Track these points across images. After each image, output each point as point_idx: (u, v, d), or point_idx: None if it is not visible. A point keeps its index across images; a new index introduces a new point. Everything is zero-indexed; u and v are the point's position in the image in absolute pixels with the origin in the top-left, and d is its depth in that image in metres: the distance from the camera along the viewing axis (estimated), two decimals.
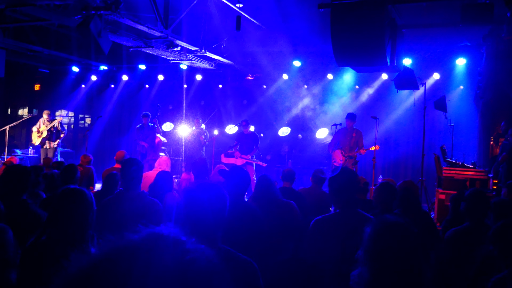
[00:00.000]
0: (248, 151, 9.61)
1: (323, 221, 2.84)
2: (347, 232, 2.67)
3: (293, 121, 12.66)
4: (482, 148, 9.92)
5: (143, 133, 10.28)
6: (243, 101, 13.39)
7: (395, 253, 1.81)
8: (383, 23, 5.87)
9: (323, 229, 2.80)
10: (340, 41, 6.09)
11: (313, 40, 10.12)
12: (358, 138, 8.83)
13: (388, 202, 3.84)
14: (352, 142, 8.80)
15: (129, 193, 3.43)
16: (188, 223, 1.96)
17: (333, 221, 2.82)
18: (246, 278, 1.95)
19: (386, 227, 1.88)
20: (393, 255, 1.81)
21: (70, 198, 2.39)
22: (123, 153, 7.15)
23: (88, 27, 6.74)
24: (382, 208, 3.84)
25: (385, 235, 1.86)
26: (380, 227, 1.89)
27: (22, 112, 15.69)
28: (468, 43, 9.46)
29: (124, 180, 3.47)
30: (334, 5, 6.07)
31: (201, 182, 2.10)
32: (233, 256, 1.99)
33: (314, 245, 2.78)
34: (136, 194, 3.46)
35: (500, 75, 8.18)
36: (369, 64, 6.52)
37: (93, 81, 13.84)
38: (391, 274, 1.80)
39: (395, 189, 4.02)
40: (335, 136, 9.05)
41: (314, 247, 2.78)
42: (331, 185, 2.87)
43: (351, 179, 2.85)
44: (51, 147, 10.45)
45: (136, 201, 3.39)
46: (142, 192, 3.54)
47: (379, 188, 4.00)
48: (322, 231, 2.79)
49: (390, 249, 1.82)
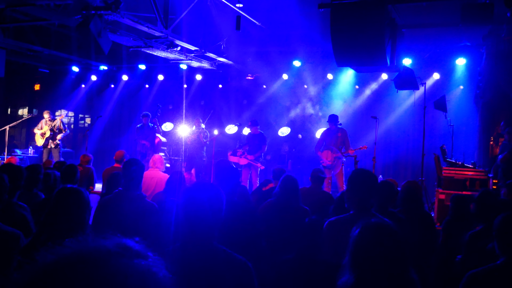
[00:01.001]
0: (254, 151, 9.60)
1: (337, 223, 2.79)
2: None
3: (293, 121, 12.66)
4: (482, 148, 9.91)
5: (143, 133, 10.29)
6: (243, 101, 13.39)
7: (378, 256, 1.76)
8: (383, 23, 5.87)
9: (337, 231, 2.75)
10: (340, 41, 6.08)
11: (313, 40, 10.12)
12: (344, 137, 8.88)
13: (384, 201, 3.80)
14: (339, 142, 8.83)
15: (128, 193, 3.43)
16: (186, 222, 1.98)
17: (348, 223, 2.79)
18: (241, 278, 1.96)
19: (369, 231, 1.84)
20: (377, 259, 1.76)
21: (66, 197, 2.40)
22: (122, 152, 7.15)
23: (88, 27, 6.74)
24: (377, 207, 3.84)
25: (368, 238, 1.81)
26: (363, 230, 1.85)
27: (22, 112, 15.69)
28: (468, 43, 9.45)
29: (124, 180, 3.47)
30: (334, 5, 6.07)
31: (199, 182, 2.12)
32: (228, 256, 2.00)
33: (330, 247, 2.75)
34: (135, 195, 3.46)
35: (500, 75, 8.18)
36: (369, 64, 6.52)
37: (93, 81, 13.84)
38: (375, 278, 1.76)
39: (394, 188, 4.02)
40: (322, 137, 9.12)
41: (330, 249, 2.74)
42: (348, 184, 2.81)
43: (367, 180, 2.76)
44: (55, 147, 10.41)
45: (134, 202, 3.38)
46: (140, 194, 3.54)
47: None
48: (336, 233, 2.74)
49: (373, 252, 1.78)
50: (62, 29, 10.08)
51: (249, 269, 2.02)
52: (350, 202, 2.78)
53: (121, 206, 3.32)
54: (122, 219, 3.18)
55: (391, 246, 1.78)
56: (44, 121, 10.56)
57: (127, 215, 3.24)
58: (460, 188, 7.05)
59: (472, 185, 7.27)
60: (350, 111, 11.68)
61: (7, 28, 9.40)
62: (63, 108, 14.93)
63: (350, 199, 2.78)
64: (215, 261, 1.93)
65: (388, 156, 11.48)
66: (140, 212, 3.33)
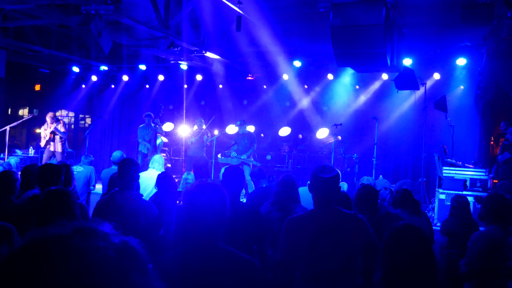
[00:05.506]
0: (244, 151, 9.65)
1: (295, 220, 2.78)
2: (320, 229, 2.64)
3: (293, 121, 12.66)
4: (482, 148, 9.92)
5: (145, 133, 10.29)
6: (243, 101, 13.39)
7: (404, 253, 2.06)
8: (383, 23, 5.87)
9: (294, 228, 2.73)
10: (340, 41, 6.09)
11: (313, 40, 10.12)
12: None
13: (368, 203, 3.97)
14: None
15: (123, 193, 3.43)
16: (189, 223, 1.97)
17: (305, 219, 2.75)
18: (250, 278, 1.95)
19: (397, 231, 2.16)
20: (402, 256, 2.06)
21: (53, 199, 2.36)
22: (119, 153, 7.15)
23: (88, 27, 6.74)
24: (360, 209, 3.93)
25: (396, 238, 2.13)
26: (392, 230, 2.18)
27: (23, 112, 15.69)
28: (468, 43, 9.44)
29: (119, 180, 3.48)
30: (334, 5, 6.07)
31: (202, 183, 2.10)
32: (234, 255, 1.99)
33: (286, 245, 2.72)
34: (131, 195, 3.46)
35: (500, 75, 8.17)
36: (369, 64, 6.52)
37: (93, 81, 13.84)
38: (401, 273, 2.04)
39: (375, 191, 4.14)
40: None
41: (285, 248, 2.71)
42: (310, 182, 2.79)
43: (330, 177, 2.72)
44: (57, 152, 10.37)
45: (130, 201, 3.38)
46: (137, 193, 3.54)
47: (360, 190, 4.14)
48: (293, 230, 2.73)
49: (399, 250, 2.09)
50: (62, 29, 10.08)
51: (257, 269, 2.02)
52: (314, 200, 2.77)
53: (117, 206, 3.32)
54: (118, 219, 3.18)
55: (416, 245, 2.09)
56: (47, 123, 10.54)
57: (125, 215, 3.23)
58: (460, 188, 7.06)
59: (473, 185, 7.27)
60: (350, 111, 11.67)
61: (7, 28, 9.40)
62: (63, 108, 14.95)
63: (313, 197, 2.77)
64: (222, 261, 1.92)
65: (388, 156, 11.47)
66: (137, 211, 3.33)
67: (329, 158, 9.79)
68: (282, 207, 3.96)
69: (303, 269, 2.68)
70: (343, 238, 2.63)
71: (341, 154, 10.14)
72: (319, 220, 2.69)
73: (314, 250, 2.61)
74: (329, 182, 2.69)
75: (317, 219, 2.70)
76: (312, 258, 2.62)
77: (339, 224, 2.68)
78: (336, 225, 2.67)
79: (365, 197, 3.99)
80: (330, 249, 2.61)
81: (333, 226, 2.66)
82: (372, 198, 4.02)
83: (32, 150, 12.05)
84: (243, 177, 3.56)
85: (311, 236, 2.63)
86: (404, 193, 4.81)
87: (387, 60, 6.07)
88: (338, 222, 2.69)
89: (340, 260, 2.61)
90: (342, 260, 2.61)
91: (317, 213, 2.73)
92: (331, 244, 2.61)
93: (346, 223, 2.70)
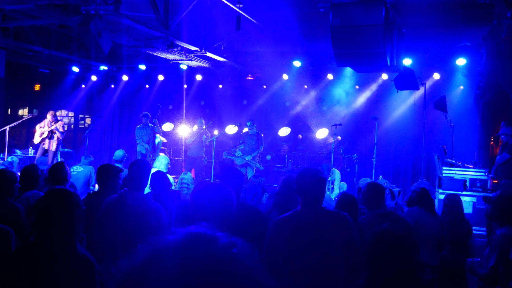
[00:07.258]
0: (250, 152, 9.61)
1: (279, 220, 2.78)
2: (298, 226, 2.65)
3: (293, 121, 12.65)
4: (482, 148, 9.91)
5: (143, 134, 10.28)
6: (243, 101, 13.39)
7: (386, 257, 2.07)
8: (383, 23, 5.87)
9: (277, 228, 2.74)
10: (340, 41, 6.08)
11: (313, 40, 10.11)
12: None
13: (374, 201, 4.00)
14: None
15: (134, 194, 3.42)
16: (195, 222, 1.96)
17: (288, 219, 2.75)
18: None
19: (380, 235, 2.15)
20: (385, 260, 2.06)
21: (55, 199, 2.35)
22: (121, 152, 7.15)
23: (88, 27, 6.73)
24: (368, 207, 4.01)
25: (378, 242, 2.13)
26: (375, 234, 2.17)
27: (22, 112, 15.68)
28: (468, 43, 9.44)
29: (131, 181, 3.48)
30: (334, 5, 6.07)
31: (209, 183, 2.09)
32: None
33: (268, 245, 2.71)
34: (141, 196, 3.45)
35: (500, 75, 8.17)
36: (369, 64, 6.52)
37: (93, 81, 13.84)
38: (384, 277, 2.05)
39: (382, 188, 4.16)
40: None
41: (268, 247, 2.71)
42: (296, 183, 2.80)
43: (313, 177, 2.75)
44: (50, 150, 10.37)
45: (141, 202, 3.38)
46: (146, 194, 3.53)
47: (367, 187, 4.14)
48: (275, 230, 2.73)
49: (381, 254, 2.09)
50: (62, 29, 10.07)
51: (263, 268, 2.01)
52: (301, 200, 2.79)
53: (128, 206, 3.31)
54: (130, 219, 3.18)
55: (397, 248, 2.08)
56: (47, 121, 10.54)
57: (136, 215, 3.23)
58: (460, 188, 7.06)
59: (473, 185, 7.27)
60: (350, 112, 11.67)
61: (7, 28, 9.39)
62: (63, 108, 14.94)
63: (300, 197, 2.79)
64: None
65: (388, 156, 11.47)
66: (148, 213, 3.32)
67: (328, 158, 9.78)
68: (283, 208, 3.96)
69: (283, 267, 2.68)
70: (321, 234, 2.64)
71: (341, 154, 10.14)
72: (300, 218, 2.71)
73: (292, 246, 2.62)
74: (316, 185, 2.73)
75: (298, 217, 2.72)
76: (290, 255, 2.63)
77: (319, 221, 2.69)
78: (315, 222, 2.68)
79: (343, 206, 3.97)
80: (307, 246, 2.61)
81: (312, 223, 2.67)
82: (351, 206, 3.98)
83: (31, 150, 12.04)
84: (242, 177, 3.56)
85: (290, 233, 2.65)
86: (422, 191, 4.85)
87: (387, 60, 6.07)
88: (318, 219, 2.70)
89: (319, 257, 2.61)
90: (321, 257, 2.61)
91: (301, 212, 2.76)
92: (308, 240, 2.62)
93: (326, 220, 2.72)
